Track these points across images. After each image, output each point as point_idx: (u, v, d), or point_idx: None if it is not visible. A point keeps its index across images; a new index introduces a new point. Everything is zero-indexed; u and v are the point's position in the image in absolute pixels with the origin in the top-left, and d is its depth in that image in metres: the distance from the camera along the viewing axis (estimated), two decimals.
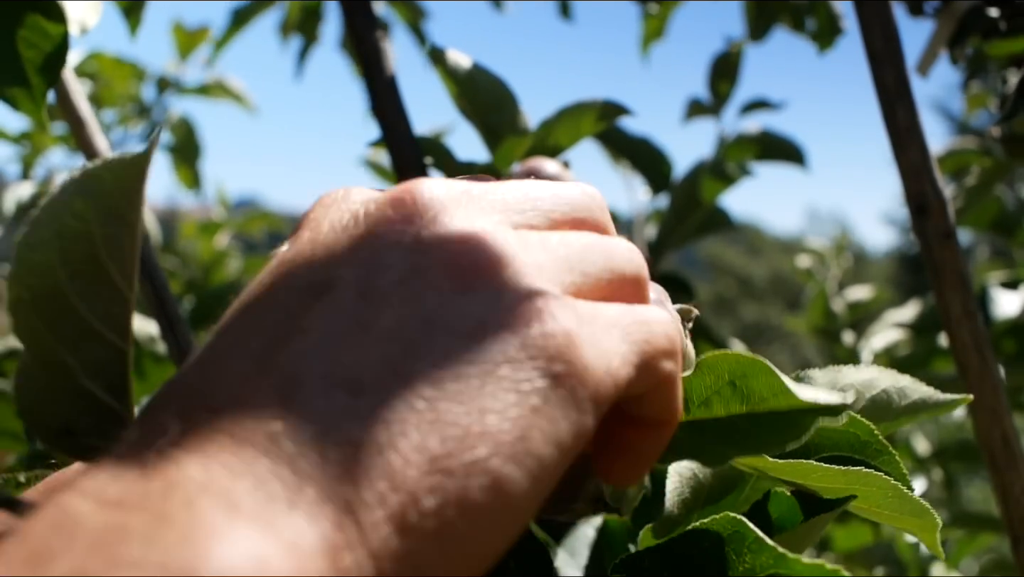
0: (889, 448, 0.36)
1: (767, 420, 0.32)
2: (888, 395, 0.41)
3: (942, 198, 0.64)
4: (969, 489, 2.92)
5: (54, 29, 0.50)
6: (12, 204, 1.35)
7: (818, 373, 0.40)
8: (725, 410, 0.33)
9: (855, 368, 0.41)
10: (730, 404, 0.32)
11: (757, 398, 0.32)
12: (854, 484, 0.34)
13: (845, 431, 0.36)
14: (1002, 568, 1.24)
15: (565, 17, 1.41)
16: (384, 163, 1.10)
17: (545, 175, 0.64)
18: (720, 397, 0.33)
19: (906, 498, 0.34)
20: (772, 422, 0.32)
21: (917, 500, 0.34)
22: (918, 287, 6.31)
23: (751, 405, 0.32)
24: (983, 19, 0.71)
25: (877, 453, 0.36)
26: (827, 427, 0.35)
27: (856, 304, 1.41)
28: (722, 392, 0.32)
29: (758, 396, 0.32)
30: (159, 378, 0.90)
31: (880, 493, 0.34)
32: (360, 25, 0.69)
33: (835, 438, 0.36)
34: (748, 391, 0.32)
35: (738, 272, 12.66)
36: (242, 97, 1.53)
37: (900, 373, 0.41)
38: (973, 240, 3.58)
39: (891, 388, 0.41)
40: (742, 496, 0.42)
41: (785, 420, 0.32)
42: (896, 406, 0.41)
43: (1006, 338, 0.99)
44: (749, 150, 1.01)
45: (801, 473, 0.34)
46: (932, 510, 0.35)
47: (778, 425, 0.32)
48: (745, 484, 0.42)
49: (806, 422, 0.31)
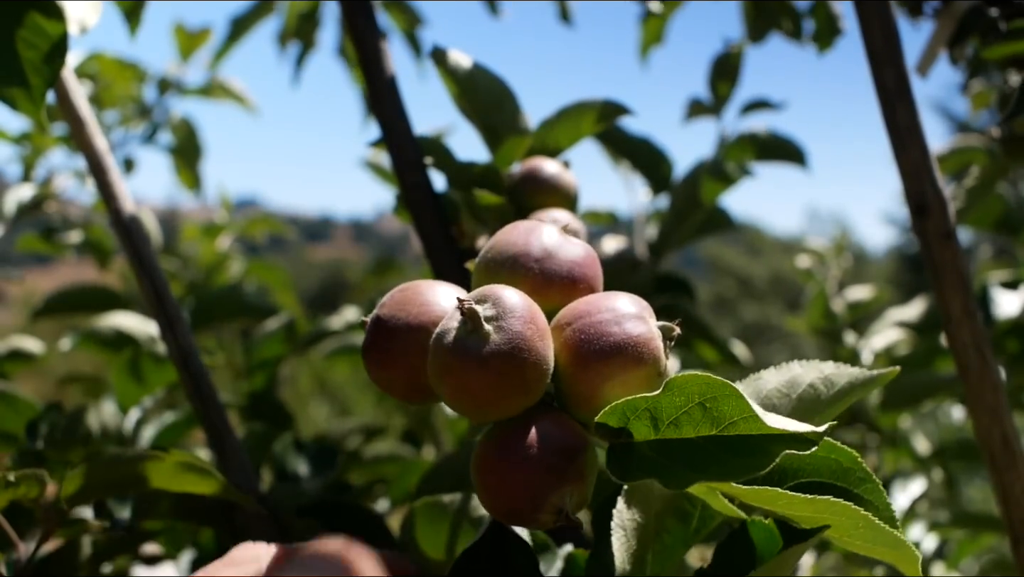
0: (872, 476, 0.35)
1: (735, 445, 0.32)
2: (815, 388, 0.41)
3: (942, 198, 0.64)
4: (969, 489, 2.91)
5: (53, 29, 0.49)
6: (13, 205, 1.35)
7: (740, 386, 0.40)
8: (695, 431, 0.32)
9: (775, 370, 0.41)
10: (700, 426, 0.32)
11: (727, 421, 0.32)
12: (823, 513, 0.34)
13: (827, 457, 0.36)
14: (1002, 568, 1.24)
15: (565, 20, 1.41)
16: (384, 163, 1.10)
17: (545, 175, 0.64)
18: (690, 418, 0.32)
19: (878, 529, 0.33)
20: (740, 447, 0.32)
21: (891, 532, 0.34)
22: (918, 287, 6.31)
23: (721, 428, 0.32)
24: (983, 19, 0.71)
25: (860, 481, 0.36)
26: (811, 453, 0.34)
27: (856, 304, 1.41)
28: (692, 413, 0.32)
29: (728, 419, 0.32)
30: (158, 378, 0.90)
31: (850, 523, 0.34)
32: (360, 26, 0.69)
33: (815, 464, 0.36)
34: (719, 414, 0.32)
35: (738, 272, 12.65)
36: (243, 97, 1.53)
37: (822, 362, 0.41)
38: (974, 240, 3.57)
39: (816, 381, 0.41)
40: (691, 527, 0.42)
41: (753, 446, 0.31)
42: (825, 397, 0.41)
43: (1007, 338, 0.99)
44: (750, 150, 1.01)
45: (767, 500, 0.34)
46: (909, 543, 0.34)
47: (745, 451, 0.31)
48: (692, 516, 0.42)
49: (774, 450, 0.31)
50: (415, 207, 0.67)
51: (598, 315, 0.38)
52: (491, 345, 0.36)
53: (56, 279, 1.47)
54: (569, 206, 0.65)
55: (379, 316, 0.42)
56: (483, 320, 0.37)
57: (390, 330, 0.41)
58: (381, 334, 0.42)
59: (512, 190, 0.65)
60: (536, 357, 0.37)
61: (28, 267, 4.86)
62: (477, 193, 0.64)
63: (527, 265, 0.42)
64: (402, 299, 0.42)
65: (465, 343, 0.37)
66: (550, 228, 0.43)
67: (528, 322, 0.37)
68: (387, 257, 1.69)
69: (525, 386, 0.37)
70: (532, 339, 0.37)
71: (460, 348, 0.37)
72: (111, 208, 0.71)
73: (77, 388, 1.46)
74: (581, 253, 0.42)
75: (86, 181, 1.44)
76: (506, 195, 0.65)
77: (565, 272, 0.42)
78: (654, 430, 0.33)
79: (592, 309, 0.39)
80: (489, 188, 0.65)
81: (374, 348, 0.42)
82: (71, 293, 1.25)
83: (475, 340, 0.37)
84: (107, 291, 1.26)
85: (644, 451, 0.34)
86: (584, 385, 0.38)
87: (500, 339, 0.36)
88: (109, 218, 0.71)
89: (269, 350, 1.15)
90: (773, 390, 0.41)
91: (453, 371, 0.37)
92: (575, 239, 0.43)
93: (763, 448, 0.31)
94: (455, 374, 0.37)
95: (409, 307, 0.41)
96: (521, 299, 0.38)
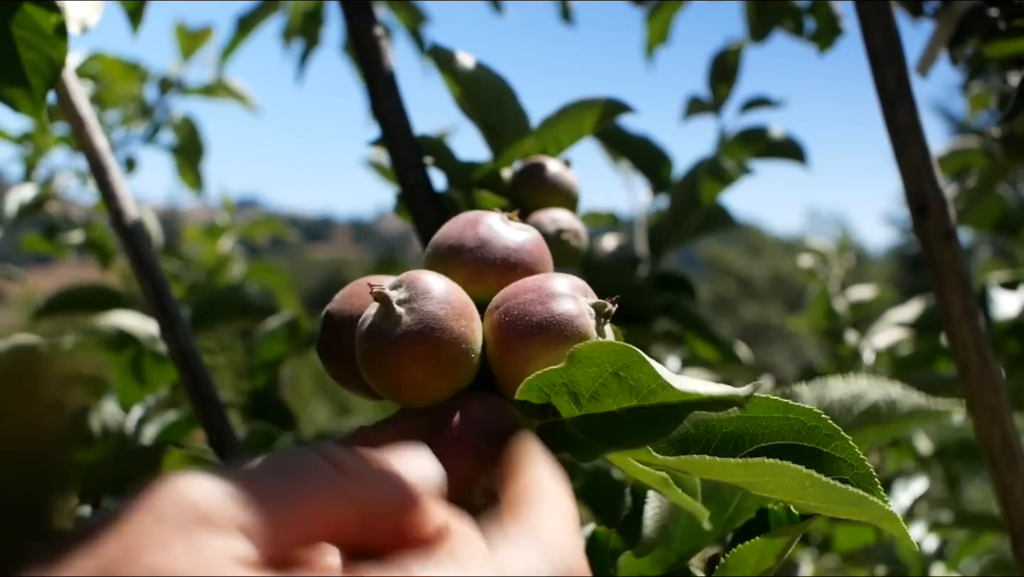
0: (840, 432, 0.33)
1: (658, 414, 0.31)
2: (877, 408, 0.40)
3: (942, 198, 0.64)
4: (969, 489, 2.91)
5: (54, 30, 0.50)
6: (15, 205, 1.35)
7: (805, 389, 0.39)
8: (615, 404, 0.32)
9: (844, 381, 0.40)
10: (619, 397, 0.31)
11: (646, 390, 0.31)
12: (761, 476, 0.32)
13: (785, 417, 0.34)
14: (1002, 568, 1.24)
15: (566, 20, 1.41)
16: (387, 162, 1.10)
17: (546, 174, 0.64)
18: (607, 390, 0.32)
19: (831, 488, 0.31)
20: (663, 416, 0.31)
21: (847, 490, 0.31)
22: (918, 287, 6.31)
23: (641, 397, 0.31)
24: (983, 19, 0.71)
25: (828, 439, 0.33)
26: (765, 415, 0.33)
27: (858, 304, 1.41)
28: (608, 384, 0.31)
29: (647, 388, 0.31)
30: (160, 377, 0.90)
31: (796, 484, 0.32)
32: (360, 24, 0.69)
33: (774, 426, 0.34)
34: (635, 383, 0.31)
35: (738, 272, 12.64)
36: (244, 97, 1.53)
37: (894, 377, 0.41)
38: (974, 240, 3.57)
39: (881, 401, 0.40)
40: (726, 515, 0.41)
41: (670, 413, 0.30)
42: (886, 418, 0.40)
43: (1006, 338, 0.99)
44: (749, 148, 1.01)
45: (699, 468, 0.32)
46: (874, 499, 0.31)
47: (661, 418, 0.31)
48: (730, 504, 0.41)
49: (680, 414, 0.30)
50: (415, 207, 0.67)
51: (524, 295, 0.38)
52: (401, 327, 0.36)
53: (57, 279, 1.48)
54: (570, 205, 0.65)
55: (328, 310, 0.42)
56: (394, 303, 0.36)
57: (336, 324, 0.41)
58: (329, 328, 0.42)
59: (513, 190, 0.65)
60: (451, 336, 0.36)
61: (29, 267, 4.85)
62: (478, 193, 0.64)
63: (460, 254, 0.41)
64: (350, 292, 0.42)
65: (379, 327, 0.37)
66: (492, 217, 0.43)
67: (442, 303, 0.37)
68: (389, 256, 1.69)
69: (444, 367, 0.36)
70: (446, 319, 0.36)
71: (374, 332, 0.37)
72: (111, 208, 0.71)
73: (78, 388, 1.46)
74: (519, 239, 0.42)
75: (87, 181, 1.45)
76: (507, 195, 0.65)
77: (500, 258, 0.41)
78: (577, 406, 0.33)
79: (519, 291, 0.38)
80: (490, 188, 0.65)
81: (322, 343, 0.42)
82: (72, 293, 1.25)
83: (388, 324, 0.36)
84: (108, 291, 1.27)
85: (569, 428, 0.33)
86: (509, 365, 0.37)
87: (411, 320, 0.36)
88: (109, 218, 0.71)
89: (270, 350, 1.16)
90: (836, 401, 0.40)
91: (370, 356, 0.37)
92: (521, 225, 0.43)
93: (678, 414, 0.30)
94: (372, 359, 0.37)
95: (354, 300, 0.41)
96: (437, 280, 0.38)
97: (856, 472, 0.32)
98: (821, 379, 0.40)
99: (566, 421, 0.34)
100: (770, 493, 0.34)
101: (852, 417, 0.39)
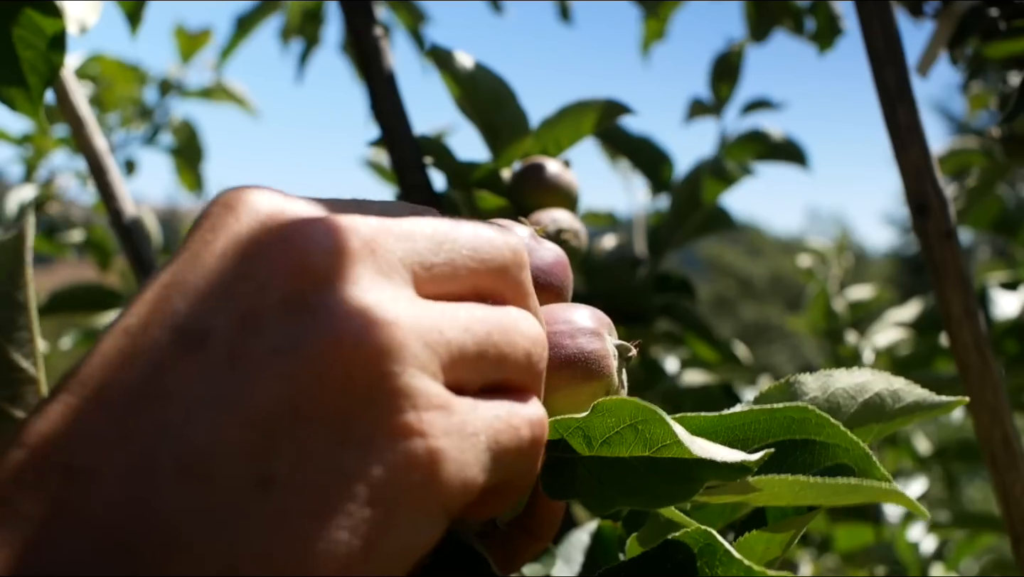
0: (829, 420, 0.32)
1: (666, 467, 0.31)
2: (881, 399, 0.40)
3: (943, 198, 0.64)
4: (969, 489, 2.91)
5: (51, 28, 0.49)
6: (15, 206, 1.35)
7: (809, 379, 0.39)
8: (627, 452, 0.32)
9: (847, 372, 0.40)
10: (632, 447, 0.32)
11: (659, 444, 0.31)
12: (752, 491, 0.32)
13: (773, 417, 0.33)
14: (1002, 568, 1.24)
15: (565, 19, 1.41)
16: (386, 163, 1.10)
17: (546, 175, 0.64)
18: (622, 438, 0.32)
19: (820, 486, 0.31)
20: (671, 470, 0.31)
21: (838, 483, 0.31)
22: (918, 287, 6.31)
23: (654, 449, 0.31)
24: (983, 19, 0.71)
25: (819, 428, 0.33)
26: (754, 417, 0.33)
27: (857, 304, 1.41)
28: (624, 434, 0.32)
29: (660, 441, 0.31)
30: None
31: (788, 490, 0.32)
32: (359, 24, 0.69)
33: (763, 427, 0.33)
34: (651, 436, 0.31)
35: (738, 272, 12.64)
36: (244, 100, 1.53)
37: (895, 375, 0.40)
38: (974, 240, 3.57)
39: (884, 392, 0.40)
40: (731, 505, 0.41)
41: (684, 471, 0.31)
42: (890, 409, 0.40)
43: (1006, 338, 0.99)
44: (750, 150, 1.01)
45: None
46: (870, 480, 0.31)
47: (675, 476, 0.31)
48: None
49: (702, 476, 0.30)
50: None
51: (554, 326, 0.37)
52: None
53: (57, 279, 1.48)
54: (570, 206, 0.65)
55: None
56: None
57: None
58: None
59: (512, 190, 0.65)
60: None
61: None
62: (477, 193, 0.64)
63: None
64: None
65: None
66: (521, 230, 0.42)
67: None
68: None
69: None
70: None
71: None
72: (111, 208, 0.71)
73: None
74: (549, 259, 0.41)
75: (87, 182, 1.45)
76: (506, 195, 0.65)
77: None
78: (588, 447, 0.33)
79: (550, 319, 0.37)
80: (489, 188, 0.64)
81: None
82: (72, 292, 1.25)
83: None
84: (108, 290, 1.27)
85: (580, 469, 0.34)
86: None
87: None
88: (108, 218, 0.71)
89: None
90: (840, 390, 0.40)
91: None
92: (547, 243, 0.42)
93: (692, 473, 0.30)
94: None
95: None
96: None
97: (852, 454, 0.32)
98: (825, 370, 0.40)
99: (577, 459, 0.34)
100: (766, 502, 0.34)
101: (856, 405, 0.39)
